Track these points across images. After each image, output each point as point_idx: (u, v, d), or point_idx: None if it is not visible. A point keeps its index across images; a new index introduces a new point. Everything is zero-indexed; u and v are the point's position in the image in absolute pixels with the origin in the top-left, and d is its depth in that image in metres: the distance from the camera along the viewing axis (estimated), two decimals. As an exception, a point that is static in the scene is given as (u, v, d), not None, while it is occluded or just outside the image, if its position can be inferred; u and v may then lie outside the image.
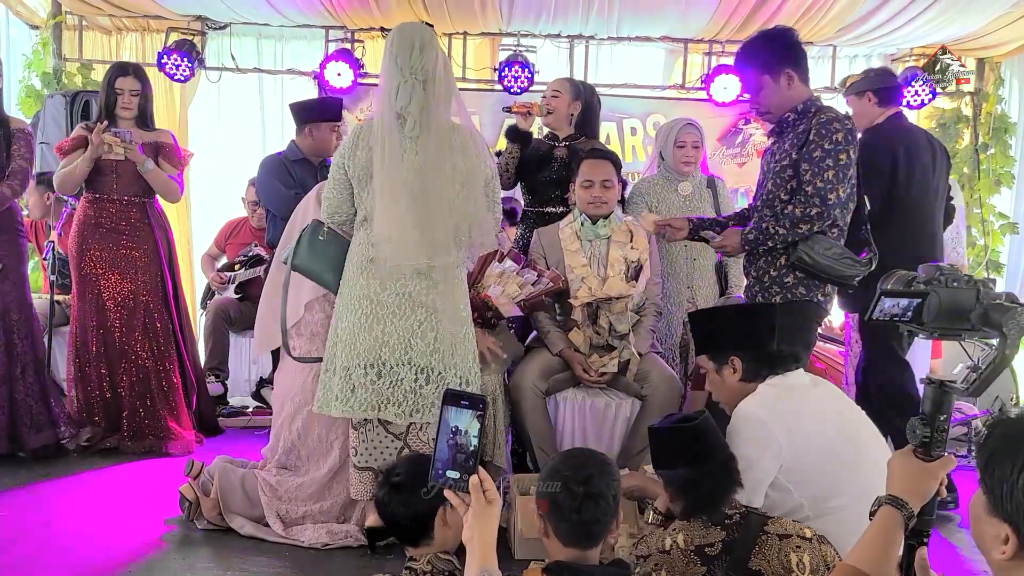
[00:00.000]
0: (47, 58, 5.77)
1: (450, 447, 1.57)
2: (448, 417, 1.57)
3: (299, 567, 2.75)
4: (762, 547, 1.92)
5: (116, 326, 3.86)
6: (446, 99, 2.66)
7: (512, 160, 3.80)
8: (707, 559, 1.94)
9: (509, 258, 3.40)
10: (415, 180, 2.62)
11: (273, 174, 4.00)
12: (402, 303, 2.69)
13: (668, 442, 2.11)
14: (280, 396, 3.18)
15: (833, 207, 2.77)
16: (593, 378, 3.33)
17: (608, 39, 6.06)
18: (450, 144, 2.65)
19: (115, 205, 3.90)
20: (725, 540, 1.95)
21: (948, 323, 1.52)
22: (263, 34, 6.09)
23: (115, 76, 3.91)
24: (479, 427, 1.57)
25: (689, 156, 3.82)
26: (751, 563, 1.91)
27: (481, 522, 1.57)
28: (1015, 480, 1.18)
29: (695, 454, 2.06)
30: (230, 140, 6.13)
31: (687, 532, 2.00)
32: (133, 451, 3.82)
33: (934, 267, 1.55)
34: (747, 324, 2.42)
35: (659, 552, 2.00)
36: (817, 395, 2.34)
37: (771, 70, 2.88)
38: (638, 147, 6.21)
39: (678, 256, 3.78)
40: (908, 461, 1.55)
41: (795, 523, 2.01)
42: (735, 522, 1.98)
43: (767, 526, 1.96)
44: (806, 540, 1.94)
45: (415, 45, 2.62)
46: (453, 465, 1.57)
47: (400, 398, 2.70)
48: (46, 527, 2.99)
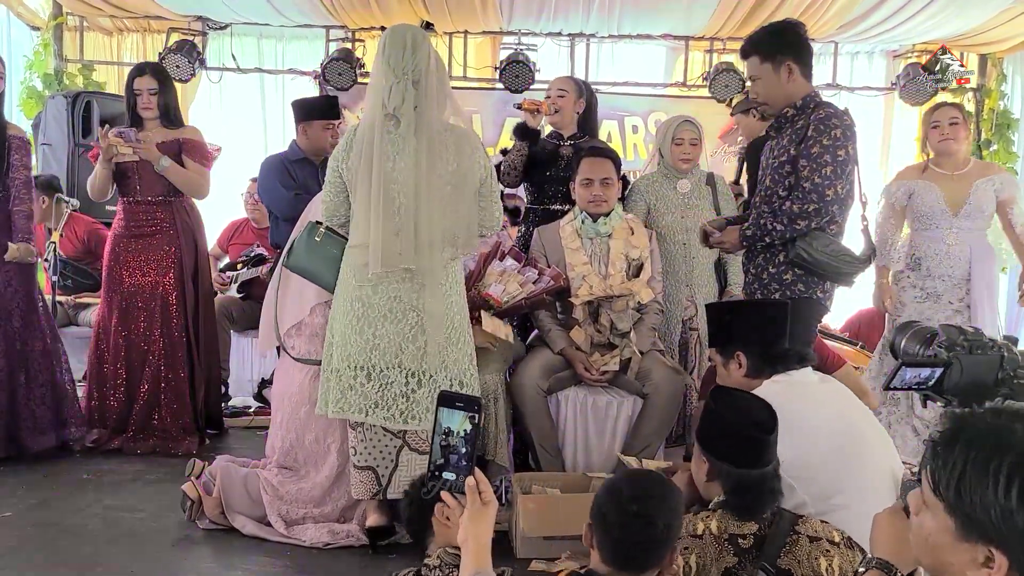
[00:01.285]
0: (48, 59, 5.78)
1: (444, 449, 1.57)
2: (441, 419, 1.56)
3: (300, 567, 2.75)
4: (792, 547, 1.89)
5: (135, 327, 3.87)
6: (440, 99, 2.66)
7: (520, 157, 3.80)
8: (740, 550, 1.90)
9: (510, 256, 3.39)
10: (406, 181, 2.62)
11: (274, 175, 4.00)
12: (393, 307, 2.68)
13: (739, 440, 1.99)
14: (278, 395, 3.18)
15: (831, 203, 2.76)
16: (595, 376, 3.32)
17: (609, 37, 6.06)
18: (443, 144, 2.64)
19: (141, 206, 3.92)
20: (757, 534, 1.92)
21: (969, 392, 1.44)
22: (264, 34, 6.10)
23: (133, 77, 3.92)
24: (473, 429, 1.56)
25: (687, 153, 3.80)
26: (780, 561, 1.87)
27: (476, 524, 1.56)
28: (1000, 500, 1.03)
29: (757, 459, 1.98)
30: (231, 140, 6.13)
31: (721, 519, 1.95)
32: (137, 452, 3.82)
33: (956, 330, 1.47)
34: (756, 320, 2.41)
35: (690, 536, 1.94)
36: (823, 393, 2.33)
37: (772, 59, 2.87)
38: (639, 145, 6.21)
39: (677, 255, 3.76)
40: (897, 519, 1.37)
41: (824, 524, 1.96)
42: (767, 517, 1.94)
43: (798, 525, 1.92)
44: (835, 545, 1.90)
45: (407, 45, 2.62)
46: (448, 467, 1.57)
47: (390, 402, 2.70)
48: (50, 527, 2.99)
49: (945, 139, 3.80)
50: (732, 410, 2.04)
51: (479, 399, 1.63)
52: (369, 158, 2.63)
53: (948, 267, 3.77)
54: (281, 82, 6.19)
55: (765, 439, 1.98)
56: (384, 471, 2.79)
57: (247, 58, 6.07)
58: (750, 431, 1.98)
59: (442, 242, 2.66)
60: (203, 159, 4.01)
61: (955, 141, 3.79)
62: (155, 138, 3.87)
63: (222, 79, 6.03)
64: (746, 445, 1.98)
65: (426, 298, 2.68)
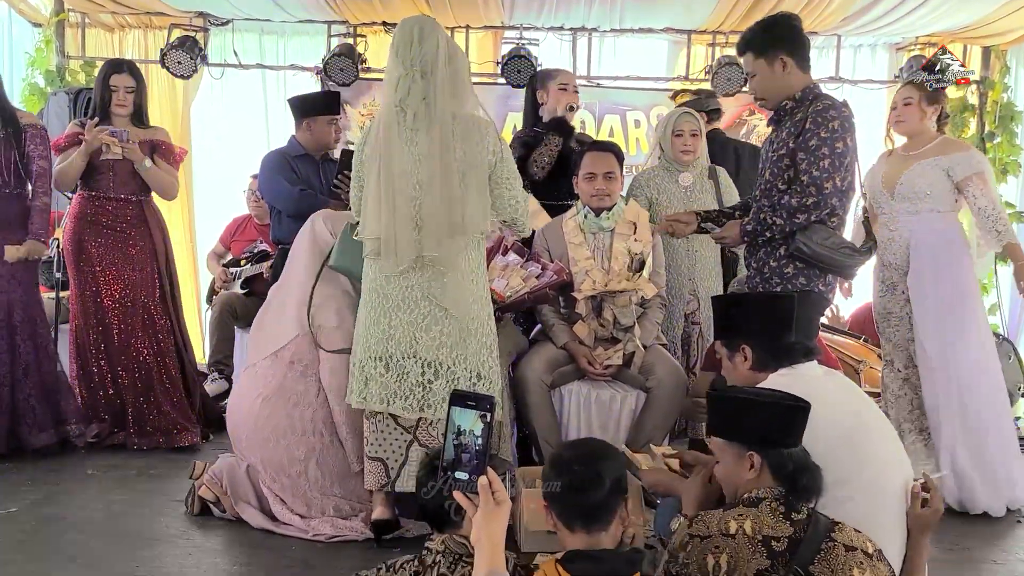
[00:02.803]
0: (50, 56, 5.77)
1: (456, 448, 1.57)
2: (454, 417, 1.57)
3: (305, 561, 2.76)
4: (827, 554, 1.82)
5: (115, 323, 3.85)
6: (451, 88, 2.64)
7: (556, 149, 3.80)
8: (772, 553, 1.83)
9: (513, 251, 3.39)
10: (416, 172, 2.62)
11: (277, 170, 3.99)
12: (407, 296, 2.69)
13: (784, 418, 1.96)
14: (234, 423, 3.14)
15: (830, 196, 2.75)
16: (598, 371, 3.33)
17: (611, 31, 6.04)
18: (452, 133, 2.63)
19: (112, 203, 3.89)
20: (792, 536, 1.84)
21: None
22: (265, 30, 6.09)
23: (110, 73, 3.89)
24: (486, 428, 1.56)
25: (687, 145, 3.80)
26: (813, 568, 1.80)
27: (489, 523, 1.57)
28: None
29: (800, 433, 1.95)
30: (233, 136, 6.13)
31: (755, 520, 1.87)
32: (141, 447, 3.82)
33: None
34: (764, 313, 2.40)
35: (721, 535, 1.87)
36: (828, 386, 2.32)
37: (765, 54, 2.86)
38: (642, 139, 6.19)
39: (679, 249, 3.76)
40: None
41: (858, 534, 1.89)
42: (803, 519, 1.87)
43: (834, 532, 1.85)
44: (869, 557, 1.83)
45: (414, 37, 2.62)
46: (460, 466, 1.57)
47: (407, 392, 2.70)
48: (55, 522, 3.00)
49: (897, 121, 3.58)
50: (758, 393, 2.01)
51: (492, 398, 1.62)
52: (380, 150, 2.63)
53: (892, 254, 3.49)
54: (283, 78, 6.17)
55: (807, 407, 1.94)
56: (394, 464, 2.80)
57: (249, 54, 6.06)
58: (793, 403, 1.95)
59: (452, 231, 2.65)
60: (174, 161, 4.03)
61: (906, 122, 3.54)
62: (134, 138, 3.87)
63: (224, 75, 6.02)
64: (793, 420, 1.94)
65: (447, 286, 2.67)
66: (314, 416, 2.97)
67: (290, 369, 3.01)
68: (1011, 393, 5.03)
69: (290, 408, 2.97)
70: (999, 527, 3.27)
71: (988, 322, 3.71)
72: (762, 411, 1.95)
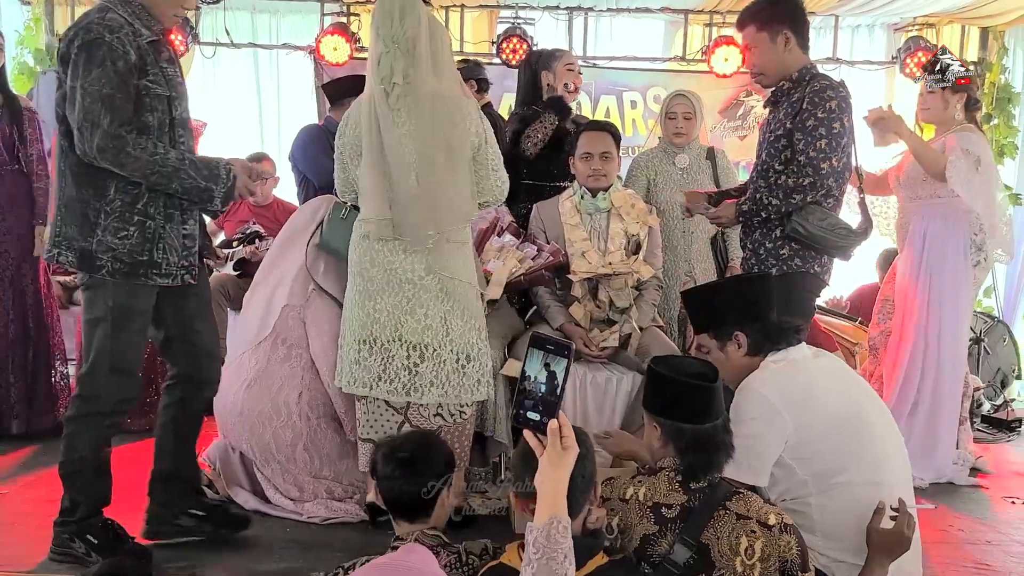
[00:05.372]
0: (39, 34, 5.71)
1: (525, 391, 1.61)
2: (529, 360, 1.62)
3: (300, 542, 2.75)
4: (716, 521, 1.87)
5: None
6: (434, 66, 2.61)
7: (551, 128, 3.72)
8: (661, 519, 1.90)
9: (508, 232, 3.37)
10: (401, 151, 2.59)
11: (317, 144, 3.93)
12: (390, 279, 2.67)
13: (686, 394, 1.99)
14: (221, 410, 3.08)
15: (826, 176, 2.74)
16: (594, 353, 3.31)
17: (607, 10, 5.99)
18: (433, 113, 2.60)
19: None
20: (685, 504, 1.91)
21: None
22: (258, 8, 6.03)
23: None
24: (564, 373, 1.60)
25: (680, 127, 3.77)
26: (703, 536, 1.86)
27: (554, 469, 1.57)
28: None
29: (706, 411, 1.98)
30: (225, 115, 6.07)
31: (650, 487, 1.96)
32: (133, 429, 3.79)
33: None
34: (748, 296, 2.37)
35: (619, 499, 1.97)
36: (821, 369, 2.31)
37: (768, 27, 2.83)
38: (638, 120, 6.16)
39: (675, 230, 3.75)
40: None
41: (766, 505, 1.92)
42: (700, 489, 1.92)
43: (730, 501, 1.90)
44: (766, 527, 1.85)
45: (394, 14, 2.59)
46: (532, 408, 1.60)
47: (392, 376, 2.68)
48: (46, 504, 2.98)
49: (923, 109, 3.76)
50: (673, 369, 2.03)
51: (570, 344, 1.66)
52: (366, 130, 2.61)
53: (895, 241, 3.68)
54: (275, 57, 6.12)
55: (710, 387, 1.97)
56: None
57: (241, 33, 6.00)
58: (696, 381, 1.98)
59: (436, 212, 2.63)
60: None
61: (930, 110, 3.70)
62: None
63: (215, 54, 5.96)
64: (695, 398, 1.97)
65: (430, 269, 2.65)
66: (300, 399, 2.93)
67: (273, 351, 2.97)
68: (1006, 375, 5.05)
69: (274, 393, 2.93)
70: (988, 509, 3.33)
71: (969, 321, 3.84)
72: (669, 386, 2.00)
